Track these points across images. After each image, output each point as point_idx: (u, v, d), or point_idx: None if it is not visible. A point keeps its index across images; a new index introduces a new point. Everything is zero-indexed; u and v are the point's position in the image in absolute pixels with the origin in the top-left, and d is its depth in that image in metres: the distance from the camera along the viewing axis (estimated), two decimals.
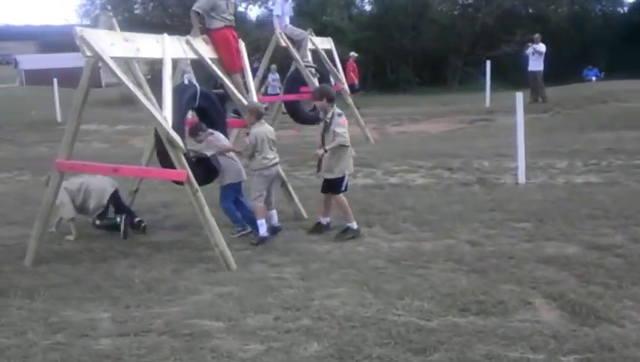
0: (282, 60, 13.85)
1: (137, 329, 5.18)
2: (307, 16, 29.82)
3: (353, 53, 25.32)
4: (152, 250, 7.53)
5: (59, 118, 22.03)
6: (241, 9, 35.01)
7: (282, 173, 8.59)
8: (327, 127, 7.72)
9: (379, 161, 12.68)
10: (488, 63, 22.91)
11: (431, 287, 6.01)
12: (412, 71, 26.23)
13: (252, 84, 8.94)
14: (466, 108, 22.47)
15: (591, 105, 20.17)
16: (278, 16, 12.71)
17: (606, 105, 19.87)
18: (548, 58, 21.82)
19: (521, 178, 10.75)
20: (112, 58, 6.37)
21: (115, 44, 6.58)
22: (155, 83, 7.62)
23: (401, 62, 28.72)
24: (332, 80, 14.26)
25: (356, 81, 24.77)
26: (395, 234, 7.96)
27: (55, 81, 22.77)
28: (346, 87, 14.57)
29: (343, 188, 7.90)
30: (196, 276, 6.59)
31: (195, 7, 8.48)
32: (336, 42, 28.45)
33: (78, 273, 6.73)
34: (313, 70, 12.83)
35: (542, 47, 21.26)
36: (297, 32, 12.89)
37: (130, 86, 6.53)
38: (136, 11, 39.33)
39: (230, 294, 6.01)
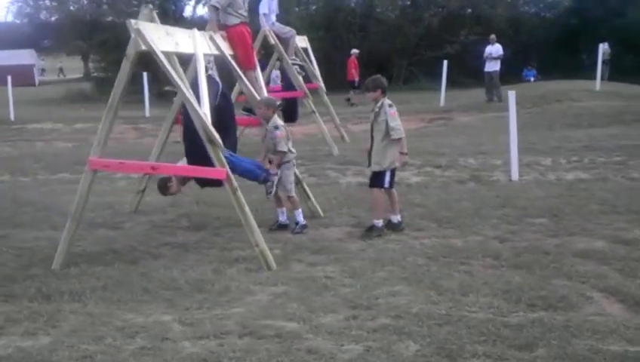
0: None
1: (214, 331, 5.01)
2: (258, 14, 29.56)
3: (355, 50, 25.57)
4: (180, 250, 7.32)
5: (12, 117, 21.17)
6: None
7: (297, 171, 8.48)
8: (376, 117, 7.61)
9: (365, 158, 12.59)
10: (445, 63, 23.26)
11: (486, 284, 6.01)
12: (360, 70, 26.33)
13: (262, 81, 8.78)
14: (420, 108, 22.68)
15: (547, 104, 20.69)
16: (265, 14, 12.55)
17: (562, 105, 20.40)
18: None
19: (514, 175, 10.91)
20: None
21: (161, 38, 6.35)
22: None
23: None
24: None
25: (357, 78, 25.18)
26: (419, 231, 7.95)
27: (9, 78, 21.80)
28: (322, 84, 14.45)
29: (387, 184, 7.76)
30: (241, 276, 6.42)
31: (213, 2, 8.31)
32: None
33: (114, 275, 6.46)
34: (298, 68, 12.70)
35: (499, 49, 21.70)
36: (285, 29, 12.77)
37: (178, 82, 6.31)
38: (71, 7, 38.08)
39: (286, 294, 5.89)
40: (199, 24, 30.92)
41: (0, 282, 6.33)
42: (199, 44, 7.09)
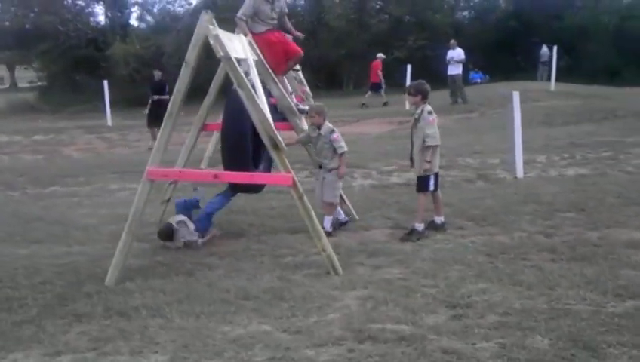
0: None
1: (328, 338, 4.88)
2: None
3: (381, 55, 26.09)
4: (231, 260, 7.11)
5: None
6: None
7: None
8: (415, 123, 7.62)
9: (365, 161, 12.67)
10: (409, 67, 23.50)
11: (562, 277, 6.06)
12: (312, 76, 26.47)
13: (289, 87, 8.72)
14: (387, 111, 22.85)
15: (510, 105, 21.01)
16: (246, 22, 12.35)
17: (526, 105, 20.72)
18: (442, 62, 22.76)
19: (520, 173, 11.06)
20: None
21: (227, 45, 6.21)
22: None
23: (303, 67, 28.74)
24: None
25: (380, 80, 26.01)
26: (461, 230, 7.98)
27: None
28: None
29: (432, 187, 7.76)
30: (313, 282, 6.28)
31: (239, 15, 8.24)
32: None
33: (179, 288, 6.20)
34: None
35: (460, 53, 22.09)
36: None
37: (250, 87, 6.18)
38: None
39: (372, 297, 5.78)
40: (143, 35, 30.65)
41: (58, 301, 5.98)
42: (247, 50, 6.94)
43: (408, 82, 22.84)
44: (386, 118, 21.03)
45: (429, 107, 7.71)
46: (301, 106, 8.39)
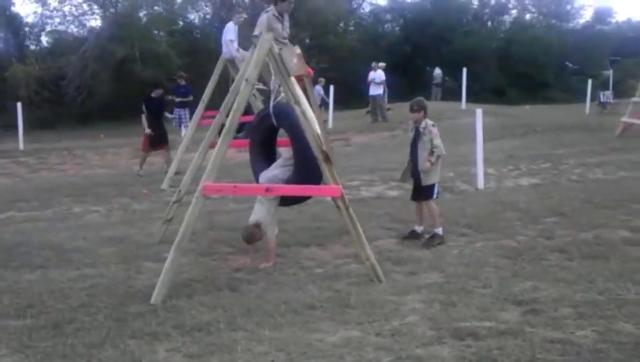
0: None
1: (430, 339, 5.10)
2: (127, 41, 28.81)
3: (382, 64, 25.67)
4: (262, 274, 7.15)
5: None
6: None
7: None
8: (419, 137, 7.99)
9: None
10: (332, 88, 24.03)
11: (591, 272, 6.55)
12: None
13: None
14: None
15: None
16: (232, 40, 12.50)
17: (443, 122, 21.68)
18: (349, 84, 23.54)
19: (481, 184, 11.66)
20: None
21: None
22: None
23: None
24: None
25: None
26: (463, 237, 8.39)
27: None
28: None
29: (435, 195, 8.12)
30: (364, 289, 6.45)
31: (256, 33, 8.39)
32: (163, 67, 28.05)
33: (232, 302, 6.17)
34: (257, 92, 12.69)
35: (381, 75, 22.90)
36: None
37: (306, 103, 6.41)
38: None
39: (434, 300, 5.99)
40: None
41: (115, 322, 5.82)
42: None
43: (331, 102, 23.43)
44: (378, 132, 21.48)
45: (430, 121, 8.11)
46: None
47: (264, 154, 7.99)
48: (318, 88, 23.29)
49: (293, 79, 6.57)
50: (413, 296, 6.20)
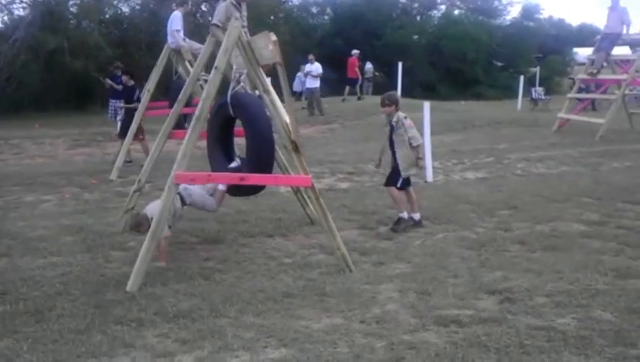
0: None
1: (415, 326, 5.25)
2: (58, 32, 27.99)
3: (355, 51, 26.81)
4: (232, 264, 7.14)
5: None
6: None
7: None
8: (393, 130, 8.10)
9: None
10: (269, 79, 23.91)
11: (556, 263, 6.79)
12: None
13: None
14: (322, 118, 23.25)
15: (369, 116, 22.22)
16: (177, 30, 12.34)
17: (380, 117, 21.84)
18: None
19: (430, 177, 11.90)
20: None
21: None
22: None
23: (144, 79, 28.35)
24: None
25: (357, 76, 26.87)
26: (423, 228, 8.54)
27: None
28: None
29: (401, 183, 8.52)
30: (338, 279, 6.53)
31: (214, 22, 8.29)
32: (94, 58, 27.39)
33: (209, 290, 6.20)
34: (203, 83, 12.57)
35: (318, 68, 22.93)
36: (196, 45, 12.60)
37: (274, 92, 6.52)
38: None
39: (409, 289, 6.14)
40: None
41: (96, 309, 5.76)
42: None
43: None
44: (316, 126, 21.44)
45: (402, 113, 8.22)
46: None
47: (221, 145, 7.91)
48: (318, 66, 23.24)
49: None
50: (387, 285, 6.32)
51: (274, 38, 6.49)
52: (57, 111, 26.02)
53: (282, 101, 7.11)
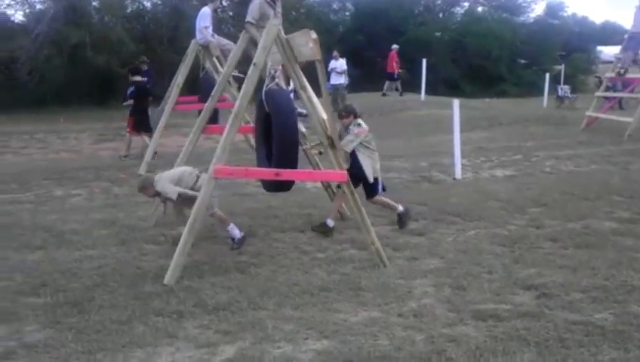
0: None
1: (453, 320, 5.30)
2: (81, 26, 28.21)
3: (395, 46, 26.90)
4: (266, 258, 7.21)
5: None
6: None
7: None
8: (341, 137, 8.06)
9: None
10: None
11: (590, 260, 6.79)
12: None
13: None
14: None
15: (392, 113, 22.27)
16: (206, 27, 12.44)
17: (405, 113, 22.12)
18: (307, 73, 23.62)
19: (458, 174, 11.90)
20: None
21: None
22: None
23: (166, 74, 28.51)
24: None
25: (396, 71, 26.71)
26: (454, 225, 8.54)
27: None
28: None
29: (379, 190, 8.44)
30: (372, 273, 6.58)
31: (249, 19, 8.41)
32: (116, 53, 27.54)
33: (245, 283, 6.30)
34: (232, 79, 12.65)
35: (343, 64, 22.97)
36: (224, 41, 12.72)
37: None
38: None
39: (444, 284, 6.21)
40: None
41: (135, 301, 5.87)
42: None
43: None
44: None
45: (359, 121, 8.12)
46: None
47: (264, 139, 7.99)
48: (342, 62, 23.32)
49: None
50: (421, 280, 6.36)
51: (314, 35, 6.53)
52: (80, 106, 26.16)
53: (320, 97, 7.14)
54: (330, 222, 8.07)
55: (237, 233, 7.52)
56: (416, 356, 4.56)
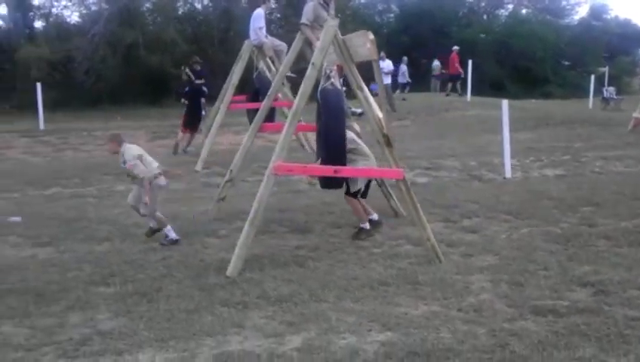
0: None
1: (512, 315, 5.36)
2: (135, 27, 28.74)
3: (456, 47, 27.41)
4: (323, 253, 7.36)
5: None
6: None
7: None
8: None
9: None
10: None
11: None
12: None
13: None
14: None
15: (439, 113, 22.30)
16: (260, 28, 12.69)
17: (452, 113, 22.12)
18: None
19: (508, 173, 11.94)
20: None
21: None
22: None
23: (218, 74, 28.87)
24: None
25: (460, 71, 27.00)
26: (507, 223, 8.62)
27: None
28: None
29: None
30: (428, 268, 6.69)
31: (303, 21, 8.60)
32: (169, 53, 27.97)
33: (305, 276, 6.47)
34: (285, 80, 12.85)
35: (389, 65, 23.15)
36: (277, 42, 12.98)
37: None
38: None
39: (501, 280, 6.28)
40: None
41: (200, 292, 6.08)
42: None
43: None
44: None
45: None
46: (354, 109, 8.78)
47: None
48: (389, 63, 23.58)
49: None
50: (478, 276, 6.46)
51: (371, 36, 6.68)
52: (134, 105, 26.66)
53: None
54: (374, 216, 8.20)
55: (174, 235, 7.80)
56: (480, 349, 4.66)
